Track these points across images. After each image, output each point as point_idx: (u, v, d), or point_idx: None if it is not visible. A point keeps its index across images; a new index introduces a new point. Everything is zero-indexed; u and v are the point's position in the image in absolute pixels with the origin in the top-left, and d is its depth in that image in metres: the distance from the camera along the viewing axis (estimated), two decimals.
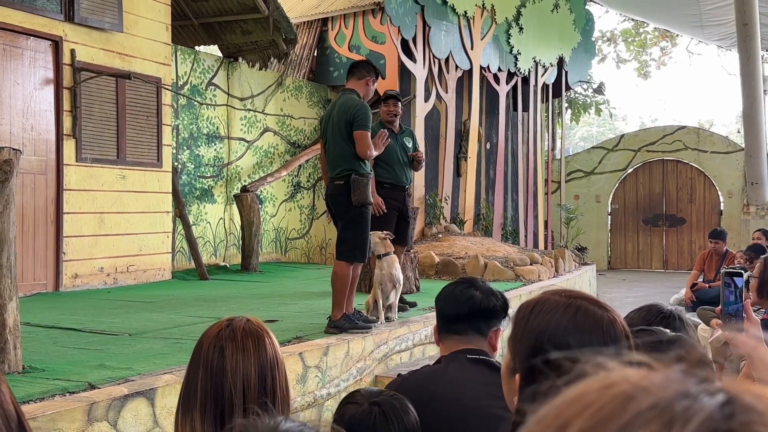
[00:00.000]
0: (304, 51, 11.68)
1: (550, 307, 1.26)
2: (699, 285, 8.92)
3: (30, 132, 6.98)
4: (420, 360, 5.75)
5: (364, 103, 5.15)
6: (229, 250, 10.02)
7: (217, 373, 1.55)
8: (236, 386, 1.53)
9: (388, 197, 6.33)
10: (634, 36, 23.48)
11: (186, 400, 1.58)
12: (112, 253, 7.73)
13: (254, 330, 1.61)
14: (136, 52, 7.98)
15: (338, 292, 5.16)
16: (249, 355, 1.56)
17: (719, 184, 16.11)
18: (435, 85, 11.37)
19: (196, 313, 5.94)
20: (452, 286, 2.34)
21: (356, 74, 5.28)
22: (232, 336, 1.58)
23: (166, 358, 4.18)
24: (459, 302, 2.25)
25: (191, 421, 1.55)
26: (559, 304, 1.26)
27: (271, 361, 1.58)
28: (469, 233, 11.66)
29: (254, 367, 1.56)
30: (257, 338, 1.59)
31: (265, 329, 1.64)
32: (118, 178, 7.81)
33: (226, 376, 1.54)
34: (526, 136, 14.18)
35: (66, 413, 3.10)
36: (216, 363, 1.56)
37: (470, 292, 2.27)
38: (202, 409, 1.54)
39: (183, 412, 1.58)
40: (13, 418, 0.83)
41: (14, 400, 0.86)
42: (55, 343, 4.58)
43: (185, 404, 1.58)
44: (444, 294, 2.33)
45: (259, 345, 1.58)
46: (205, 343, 1.60)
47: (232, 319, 1.64)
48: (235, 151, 10.18)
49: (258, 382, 1.55)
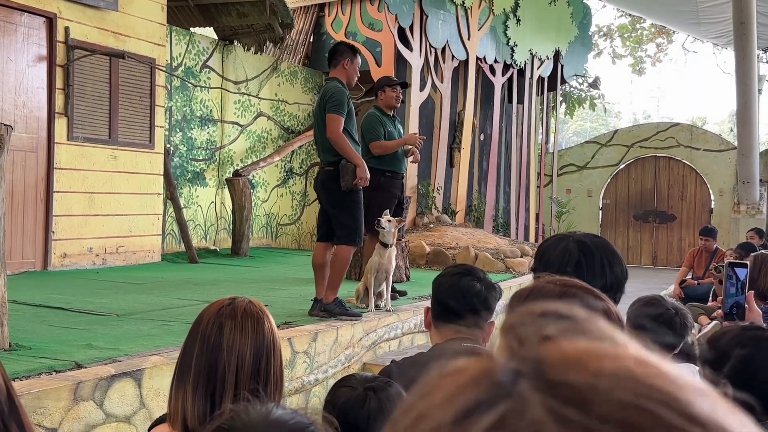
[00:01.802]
0: (300, 36, 11.62)
1: (545, 295, 1.25)
2: (688, 282, 8.96)
3: (22, 109, 6.92)
4: (408, 348, 5.76)
5: (338, 88, 5.19)
6: (220, 234, 9.99)
7: (213, 349, 1.55)
8: (230, 365, 1.53)
9: (389, 186, 6.33)
10: (630, 32, 23.48)
11: (180, 374, 1.58)
12: (101, 234, 7.69)
13: (255, 312, 1.60)
14: (130, 32, 7.91)
15: (336, 274, 5.19)
16: (246, 335, 1.56)
17: (710, 182, 16.17)
18: (431, 75, 11.34)
19: (185, 296, 5.92)
20: (455, 276, 2.30)
21: (332, 62, 5.37)
22: (232, 314, 1.58)
23: (154, 339, 4.17)
24: (462, 294, 2.24)
25: (183, 394, 1.55)
26: (554, 293, 1.25)
27: (268, 345, 1.57)
28: (460, 224, 11.67)
29: (250, 348, 1.55)
30: (257, 320, 1.58)
31: (266, 313, 1.63)
32: (109, 158, 7.75)
33: (221, 353, 1.54)
34: (520, 128, 14.17)
35: (52, 392, 3.08)
36: (213, 339, 1.56)
37: (473, 284, 2.26)
38: (194, 384, 1.53)
39: (176, 384, 1.58)
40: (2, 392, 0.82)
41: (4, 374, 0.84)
42: (43, 322, 4.56)
43: (179, 377, 1.58)
44: (445, 284, 2.30)
45: (257, 327, 1.58)
46: (205, 318, 1.60)
47: (234, 298, 1.64)
48: (228, 134, 10.13)
49: (252, 363, 1.55)
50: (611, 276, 1.66)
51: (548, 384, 0.35)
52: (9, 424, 0.80)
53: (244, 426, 1.05)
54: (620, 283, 1.68)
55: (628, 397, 0.34)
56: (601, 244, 1.72)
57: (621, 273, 1.68)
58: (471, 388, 0.36)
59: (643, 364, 0.36)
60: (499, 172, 13.74)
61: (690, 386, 0.36)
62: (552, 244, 1.74)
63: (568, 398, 0.34)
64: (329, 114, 5.11)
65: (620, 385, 0.35)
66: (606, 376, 0.35)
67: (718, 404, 0.36)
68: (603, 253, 1.69)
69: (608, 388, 0.34)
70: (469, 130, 12.46)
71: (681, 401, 0.35)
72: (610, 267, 1.67)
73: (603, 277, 1.65)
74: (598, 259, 1.67)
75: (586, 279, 1.52)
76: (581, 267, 1.64)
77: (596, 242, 1.72)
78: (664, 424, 0.33)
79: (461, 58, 11.87)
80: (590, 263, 1.66)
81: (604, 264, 1.66)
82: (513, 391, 0.35)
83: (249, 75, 10.36)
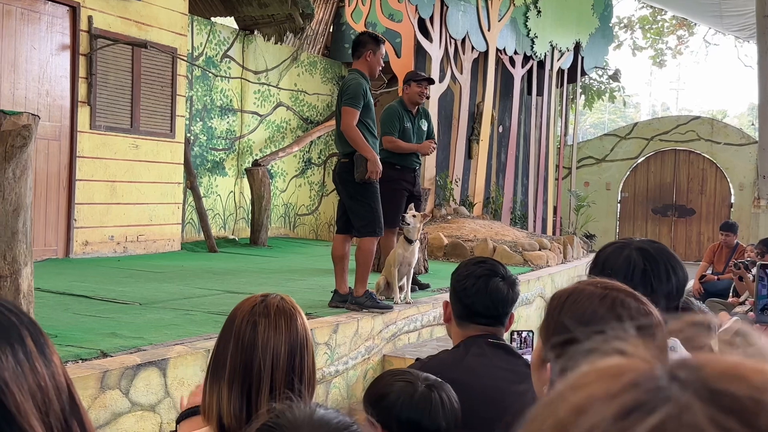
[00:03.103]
0: (320, 26, 11.61)
1: (586, 297, 1.25)
2: (708, 277, 8.90)
3: (45, 97, 6.97)
4: (427, 341, 5.77)
5: (356, 80, 5.19)
6: (239, 223, 10.03)
7: (248, 347, 1.56)
8: (265, 362, 1.54)
9: (398, 179, 6.34)
10: (651, 23, 23.27)
11: (215, 371, 1.59)
12: (122, 222, 7.74)
13: (287, 308, 1.61)
14: (152, 21, 7.94)
15: (363, 266, 5.19)
16: (280, 333, 1.57)
17: (731, 177, 16.03)
18: (450, 66, 11.30)
19: (205, 285, 5.96)
20: (481, 279, 2.25)
21: (356, 53, 5.36)
22: (265, 312, 1.59)
23: (177, 329, 4.20)
24: (490, 299, 2.22)
25: (218, 392, 1.56)
26: (595, 295, 1.25)
27: (301, 341, 1.58)
28: (478, 216, 11.64)
29: (284, 345, 1.56)
30: (290, 317, 1.59)
31: (298, 309, 1.64)
32: (130, 147, 7.80)
33: (257, 352, 1.55)
34: (539, 120, 14.10)
35: (79, 380, 3.12)
36: (248, 338, 1.56)
37: (500, 287, 2.24)
38: (230, 382, 1.55)
39: (211, 381, 1.59)
40: (64, 390, 0.83)
41: (65, 372, 0.85)
42: (67, 310, 4.60)
43: (214, 374, 1.59)
44: (471, 287, 2.26)
45: (290, 323, 1.58)
46: (239, 316, 1.61)
47: (266, 295, 1.64)
48: (248, 124, 10.15)
49: (287, 360, 1.56)
50: (676, 281, 1.66)
51: (710, 393, 0.36)
52: (71, 422, 0.82)
53: (290, 424, 1.07)
54: (683, 286, 1.68)
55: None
56: (662, 249, 1.72)
57: (684, 277, 1.68)
58: (633, 388, 0.38)
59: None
60: (517, 164, 13.69)
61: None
62: (613, 252, 1.73)
63: (729, 408, 0.35)
64: (344, 107, 5.13)
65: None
66: None
67: None
68: (666, 259, 1.68)
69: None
70: (488, 122, 12.42)
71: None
72: (674, 272, 1.66)
73: (669, 283, 1.65)
74: (663, 266, 1.67)
75: (653, 287, 1.52)
76: (647, 275, 1.64)
77: (657, 248, 1.71)
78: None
79: (481, 49, 11.82)
80: (656, 271, 1.66)
81: (669, 270, 1.66)
82: (673, 396, 0.36)
83: (269, 65, 10.37)
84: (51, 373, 0.83)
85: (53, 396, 0.82)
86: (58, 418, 0.82)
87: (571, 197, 15.22)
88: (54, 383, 0.82)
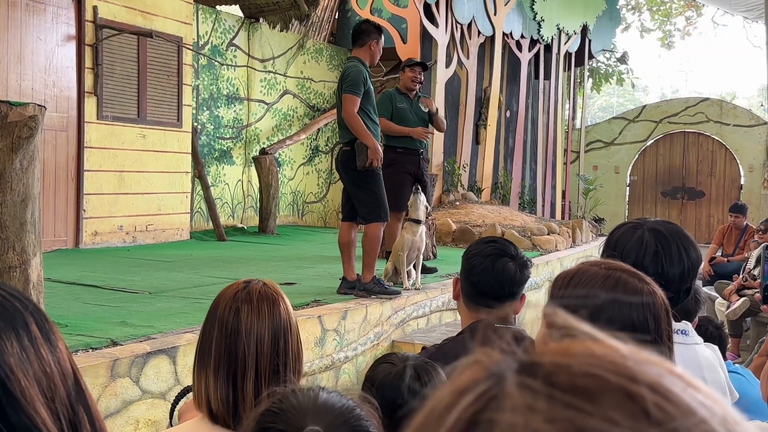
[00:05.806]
0: (325, 13, 11.57)
1: (589, 278, 1.25)
2: (717, 259, 8.88)
3: (52, 88, 6.98)
4: (436, 326, 5.78)
5: (356, 68, 5.19)
6: (247, 212, 10.05)
7: (232, 334, 1.57)
8: (249, 348, 1.56)
9: (401, 162, 6.35)
10: (659, 5, 23.08)
11: (201, 359, 1.61)
12: (131, 212, 7.77)
13: (270, 294, 1.62)
14: (158, 11, 7.93)
15: (370, 253, 5.20)
16: (263, 318, 1.58)
17: (740, 158, 15.93)
18: (456, 51, 11.25)
19: (214, 274, 5.98)
20: (489, 258, 2.25)
21: (358, 41, 5.34)
22: (248, 298, 1.59)
23: (187, 317, 4.22)
24: (497, 279, 2.23)
25: (205, 379, 1.58)
26: (599, 276, 1.25)
27: (285, 326, 1.59)
28: (486, 201, 11.63)
29: (268, 330, 1.57)
30: (272, 302, 1.60)
31: (281, 293, 1.65)
32: (138, 137, 7.81)
33: (240, 337, 1.56)
34: (547, 104, 14.04)
35: (90, 369, 3.14)
36: (231, 324, 1.57)
37: (508, 266, 2.24)
38: (216, 369, 1.56)
39: (198, 368, 1.61)
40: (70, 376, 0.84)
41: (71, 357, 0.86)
42: (77, 299, 4.63)
43: (200, 361, 1.61)
44: (479, 266, 2.26)
45: (273, 309, 1.59)
46: (221, 304, 1.61)
47: (249, 281, 1.65)
48: (255, 113, 10.15)
49: (271, 344, 1.57)
50: (688, 262, 1.65)
51: (524, 366, 0.41)
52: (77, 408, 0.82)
53: (294, 408, 1.07)
54: (695, 268, 1.67)
55: (583, 368, 0.40)
56: (675, 230, 1.71)
57: (696, 258, 1.67)
58: (474, 379, 0.42)
59: (605, 347, 0.42)
60: (525, 149, 13.65)
61: (640, 357, 0.41)
62: (625, 233, 1.72)
63: (537, 374, 0.40)
64: (345, 94, 5.13)
65: (579, 361, 0.41)
66: (570, 356, 0.41)
67: (666, 371, 0.41)
68: (679, 240, 1.67)
69: (569, 364, 0.41)
70: (495, 107, 12.37)
71: (626, 367, 0.40)
72: (687, 253, 1.65)
73: (681, 264, 1.64)
74: (675, 246, 1.66)
75: (665, 268, 1.52)
76: (659, 256, 1.63)
77: (670, 229, 1.70)
78: (609, 386, 0.39)
79: (487, 33, 11.76)
80: (667, 252, 1.65)
81: (681, 251, 1.65)
82: (496, 375, 0.41)
83: (275, 53, 10.35)
84: (56, 359, 0.84)
85: (59, 382, 0.82)
86: (63, 404, 0.82)
87: (580, 181, 15.17)
88: (59, 369, 0.83)
